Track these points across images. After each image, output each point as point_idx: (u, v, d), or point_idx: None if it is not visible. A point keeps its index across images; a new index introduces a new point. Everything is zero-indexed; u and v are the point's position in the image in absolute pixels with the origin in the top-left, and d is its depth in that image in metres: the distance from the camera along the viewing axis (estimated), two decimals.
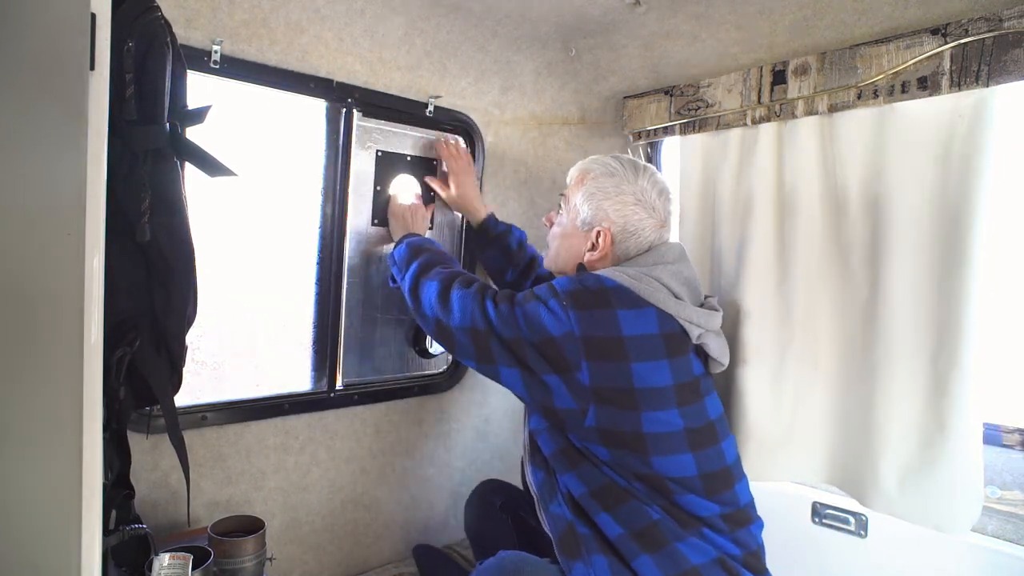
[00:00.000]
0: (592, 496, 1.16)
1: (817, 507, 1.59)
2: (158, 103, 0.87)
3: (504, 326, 1.17)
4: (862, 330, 1.33)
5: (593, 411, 1.12)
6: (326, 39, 1.42)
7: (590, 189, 1.29)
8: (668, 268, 1.21)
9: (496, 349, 1.18)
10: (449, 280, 1.28)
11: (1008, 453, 1.40)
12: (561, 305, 1.13)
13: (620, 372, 1.11)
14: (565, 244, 1.34)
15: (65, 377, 0.61)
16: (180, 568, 0.99)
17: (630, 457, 1.14)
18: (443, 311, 1.24)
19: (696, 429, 1.16)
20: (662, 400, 1.13)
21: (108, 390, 0.82)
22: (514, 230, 1.71)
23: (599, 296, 1.14)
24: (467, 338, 1.21)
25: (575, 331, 1.11)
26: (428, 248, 1.42)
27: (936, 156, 1.20)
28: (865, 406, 1.32)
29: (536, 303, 1.17)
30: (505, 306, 1.19)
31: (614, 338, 1.11)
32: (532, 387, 1.18)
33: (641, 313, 1.13)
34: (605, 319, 1.12)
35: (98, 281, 0.63)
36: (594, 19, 1.50)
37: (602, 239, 1.28)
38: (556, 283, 1.19)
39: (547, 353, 1.14)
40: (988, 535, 1.39)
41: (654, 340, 1.13)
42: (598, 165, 1.31)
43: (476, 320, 1.20)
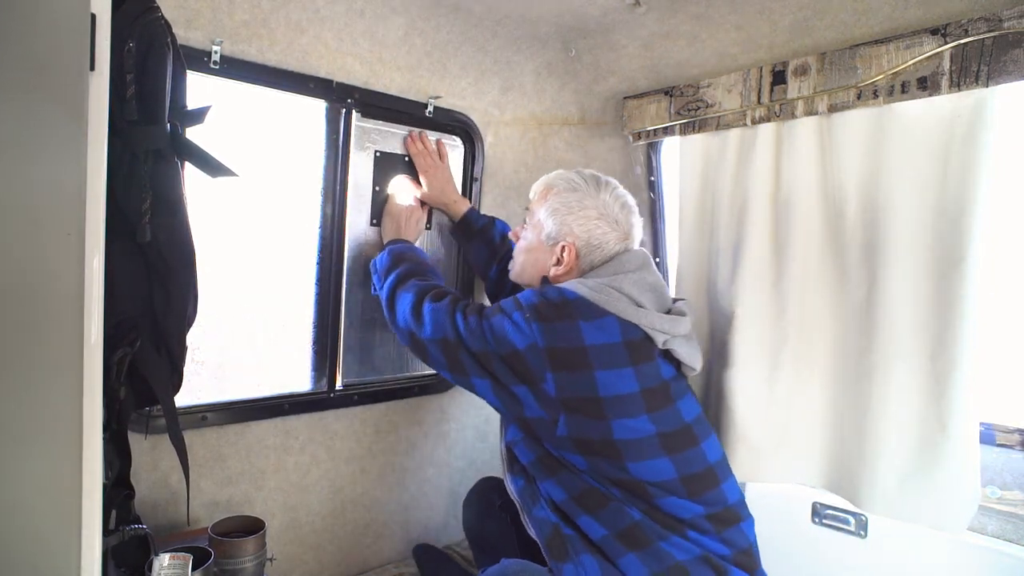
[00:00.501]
0: (573, 501, 1.19)
1: (817, 507, 1.59)
2: (158, 103, 0.87)
3: (472, 338, 1.21)
4: (859, 331, 1.32)
5: (564, 420, 1.15)
6: (326, 39, 1.42)
7: (554, 204, 1.32)
8: (629, 277, 1.23)
9: (466, 360, 1.22)
10: (423, 293, 1.31)
11: (1008, 453, 1.40)
12: (524, 318, 1.17)
13: (584, 381, 1.14)
14: (531, 258, 1.37)
15: (65, 377, 0.61)
16: (180, 568, 0.99)
17: (605, 464, 1.16)
18: (415, 323, 1.28)
19: (670, 433, 1.17)
20: (630, 407, 1.15)
21: (108, 390, 0.82)
22: (497, 223, 1.71)
23: (561, 308, 1.16)
24: (438, 350, 1.25)
25: (539, 343, 1.14)
26: (409, 258, 1.44)
27: (935, 156, 1.20)
28: (861, 407, 1.32)
29: (501, 316, 1.20)
30: (474, 319, 1.22)
31: (576, 348, 1.14)
32: (503, 397, 1.21)
33: (602, 323, 1.15)
34: (567, 330, 1.15)
35: (98, 281, 0.63)
36: (594, 19, 1.50)
37: (567, 253, 1.30)
38: (520, 296, 1.22)
39: (513, 365, 1.17)
40: (988, 535, 1.39)
41: (616, 348, 1.15)
42: (561, 180, 1.34)
43: (446, 332, 1.23)
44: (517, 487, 1.30)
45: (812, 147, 1.36)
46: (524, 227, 1.41)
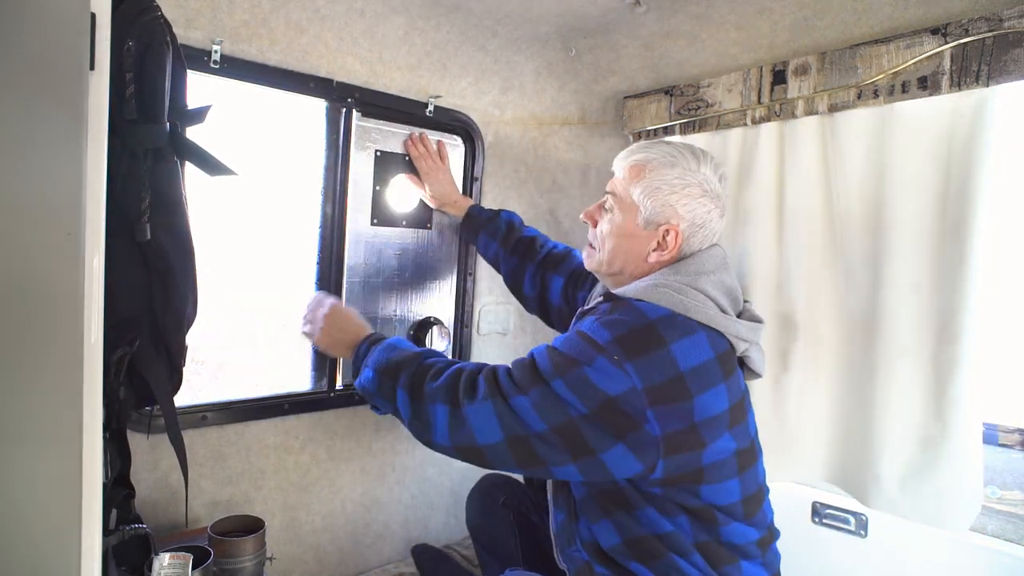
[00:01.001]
0: (625, 545, 1.10)
1: (817, 507, 1.59)
2: (158, 102, 0.86)
3: (548, 414, 1.01)
4: (862, 330, 1.33)
5: (662, 465, 1.02)
6: (326, 39, 1.42)
7: (653, 183, 1.15)
8: (710, 279, 1.11)
9: (541, 449, 1.03)
10: (451, 395, 1.09)
11: (1008, 453, 1.40)
12: (612, 361, 1.00)
13: (684, 412, 1.01)
14: (624, 245, 1.19)
15: (65, 377, 0.61)
16: (180, 568, 0.99)
17: (681, 492, 1.06)
18: (462, 434, 1.07)
19: (743, 450, 1.09)
20: (719, 427, 1.05)
21: (108, 390, 0.82)
22: (502, 213, 1.66)
23: (649, 335, 1.02)
24: (504, 450, 1.05)
25: (637, 385, 0.99)
26: (397, 359, 1.17)
27: (936, 156, 1.20)
28: (866, 405, 1.32)
29: (577, 368, 1.02)
30: (538, 391, 1.03)
31: (673, 378, 1.00)
32: (590, 473, 1.05)
33: (694, 341, 1.04)
34: (662, 361, 1.01)
35: (98, 281, 0.63)
36: (594, 19, 1.50)
37: (671, 237, 1.15)
38: (591, 332, 1.05)
39: (607, 418, 1.00)
40: (988, 535, 1.39)
41: (710, 365, 1.04)
42: (656, 154, 1.17)
43: (509, 427, 1.04)
44: (557, 521, 1.21)
45: (812, 147, 1.36)
46: (602, 209, 1.24)
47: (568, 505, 1.19)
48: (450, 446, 1.10)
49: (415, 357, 1.17)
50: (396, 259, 1.74)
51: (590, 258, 1.27)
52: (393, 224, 1.71)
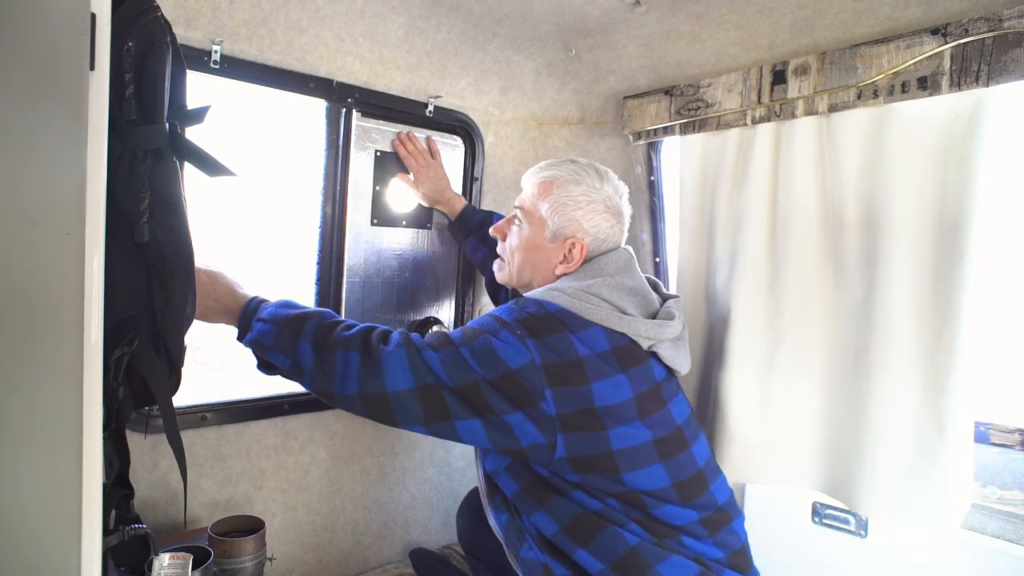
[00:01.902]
0: (565, 532, 1.13)
1: (817, 507, 1.59)
2: (158, 103, 0.86)
3: (454, 372, 1.07)
4: (856, 331, 1.32)
5: (562, 440, 1.08)
6: (326, 39, 1.42)
7: (559, 199, 1.24)
8: (607, 281, 1.17)
9: (451, 402, 1.07)
10: (364, 341, 1.10)
11: (1008, 453, 1.40)
12: (515, 335, 1.08)
13: (582, 395, 1.07)
14: (532, 257, 1.28)
15: (65, 377, 0.60)
16: (180, 568, 0.99)
17: (602, 479, 1.11)
18: (372, 379, 1.07)
19: (664, 438, 1.13)
20: (625, 415, 1.10)
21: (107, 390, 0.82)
22: (494, 217, 1.69)
23: (551, 322, 1.10)
24: (411, 399, 1.07)
25: (536, 359, 1.06)
26: (298, 312, 1.15)
27: (935, 156, 1.20)
28: (858, 408, 1.32)
29: (484, 337, 1.09)
30: (448, 350, 1.09)
31: (572, 361, 1.08)
32: (493, 434, 1.09)
33: (589, 333, 1.11)
34: (561, 343, 1.08)
35: (98, 281, 0.63)
36: (594, 19, 1.50)
37: (576, 251, 1.23)
38: (500, 314, 1.14)
39: (506, 389, 1.06)
40: (988, 535, 1.39)
41: (606, 357, 1.10)
42: (562, 172, 1.26)
43: (420, 376, 1.07)
44: (500, 523, 1.23)
45: (812, 147, 1.36)
46: (512, 223, 1.32)
47: (505, 504, 1.23)
48: (357, 394, 1.08)
49: (316, 312, 1.16)
50: (396, 259, 1.74)
51: (501, 271, 1.35)
52: (393, 224, 1.71)
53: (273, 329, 1.13)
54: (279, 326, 1.12)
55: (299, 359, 1.11)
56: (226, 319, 1.20)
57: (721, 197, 1.53)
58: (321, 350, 1.10)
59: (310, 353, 1.10)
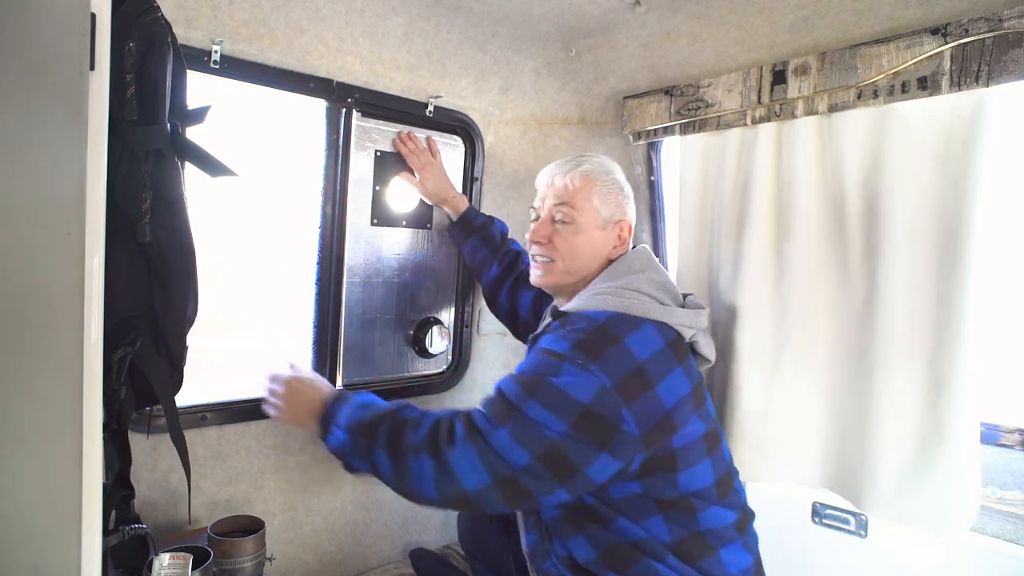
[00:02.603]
0: (601, 560, 1.12)
1: (817, 507, 1.59)
2: (158, 103, 0.86)
3: (529, 442, 1.03)
4: (859, 330, 1.32)
5: (639, 459, 1.07)
6: (326, 39, 1.42)
7: (605, 188, 1.29)
8: (640, 277, 1.20)
9: (529, 483, 1.04)
10: (432, 443, 1.09)
11: (1008, 453, 1.40)
12: (577, 365, 1.05)
13: (654, 403, 1.06)
14: (587, 250, 1.27)
15: (65, 377, 0.61)
16: (180, 568, 0.99)
17: (660, 481, 1.10)
18: (447, 482, 1.06)
19: (709, 432, 1.15)
20: (687, 409, 1.10)
21: (108, 390, 0.82)
22: (496, 221, 1.71)
23: (604, 335, 1.08)
24: (490, 492, 1.05)
25: (606, 383, 1.03)
26: (371, 417, 1.15)
27: (935, 156, 1.20)
28: (862, 407, 1.32)
29: (546, 382, 1.05)
30: (515, 419, 1.04)
31: (635, 371, 1.06)
32: (575, 491, 1.07)
33: (643, 333, 1.10)
34: (620, 356, 1.06)
35: (98, 281, 0.63)
36: (594, 19, 1.50)
37: (626, 232, 1.30)
38: (551, 346, 1.11)
39: (586, 429, 1.02)
40: (988, 535, 1.39)
41: (663, 353, 1.11)
42: (593, 165, 1.31)
43: (494, 469, 1.04)
44: (529, 541, 1.25)
45: (812, 147, 1.36)
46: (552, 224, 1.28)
47: (539, 527, 1.22)
48: (436, 497, 1.09)
49: (389, 413, 1.16)
50: (396, 259, 1.74)
51: (548, 274, 1.30)
52: (393, 224, 1.71)
53: (349, 438, 1.15)
54: (354, 434, 1.14)
55: (377, 465, 1.13)
56: (310, 422, 1.22)
57: (722, 197, 1.53)
58: (395, 456, 1.10)
59: (386, 459, 1.11)
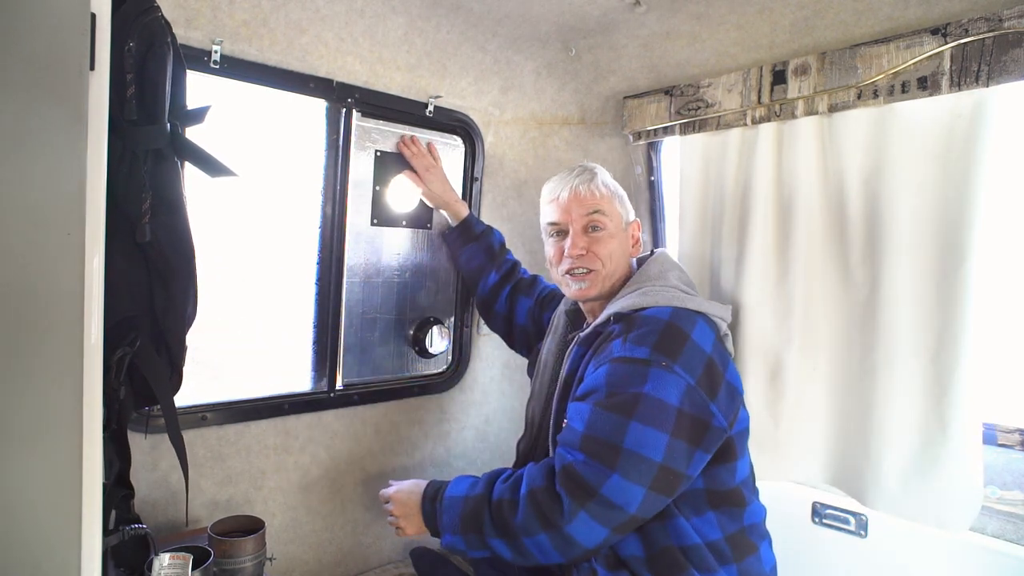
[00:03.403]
0: (647, 561, 1.13)
1: (817, 507, 1.59)
2: (158, 103, 0.86)
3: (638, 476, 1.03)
4: (861, 330, 1.33)
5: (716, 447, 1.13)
6: (326, 39, 1.42)
7: (618, 192, 1.36)
8: (671, 275, 1.26)
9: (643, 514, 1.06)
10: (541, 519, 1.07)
11: (1008, 453, 1.39)
12: (662, 367, 1.06)
13: (729, 389, 1.13)
14: (620, 249, 1.32)
15: (65, 377, 0.61)
16: (180, 568, 0.99)
17: (722, 471, 1.14)
18: (570, 548, 1.07)
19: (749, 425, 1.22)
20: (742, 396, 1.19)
21: (108, 390, 0.82)
22: (495, 231, 1.73)
23: (674, 333, 1.12)
24: (612, 537, 1.07)
25: (690, 381, 1.07)
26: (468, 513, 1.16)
27: (936, 156, 1.20)
28: (865, 405, 1.32)
29: (640, 400, 1.04)
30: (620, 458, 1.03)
31: (707, 363, 1.11)
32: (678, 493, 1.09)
33: (700, 327, 1.15)
34: (693, 351, 1.10)
35: (98, 281, 0.63)
36: (594, 19, 1.50)
37: (638, 231, 1.37)
38: (627, 352, 1.10)
39: (683, 432, 1.04)
40: (988, 535, 1.39)
41: (719, 344, 1.17)
42: (601, 172, 1.36)
43: (611, 522, 1.04)
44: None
45: (812, 147, 1.36)
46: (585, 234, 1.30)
47: None
48: (565, 561, 1.11)
49: (481, 502, 1.16)
50: (396, 259, 1.74)
51: (593, 284, 1.29)
52: (393, 224, 1.71)
53: (462, 539, 1.16)
54: (462, 534, 1.16)
55: (497, 553, 1.14)
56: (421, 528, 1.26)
57: (723, 197, 1.53)
58: (510, 542, 1.11)
59: (503, 547, 1.12)
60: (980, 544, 1.37)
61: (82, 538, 0.61)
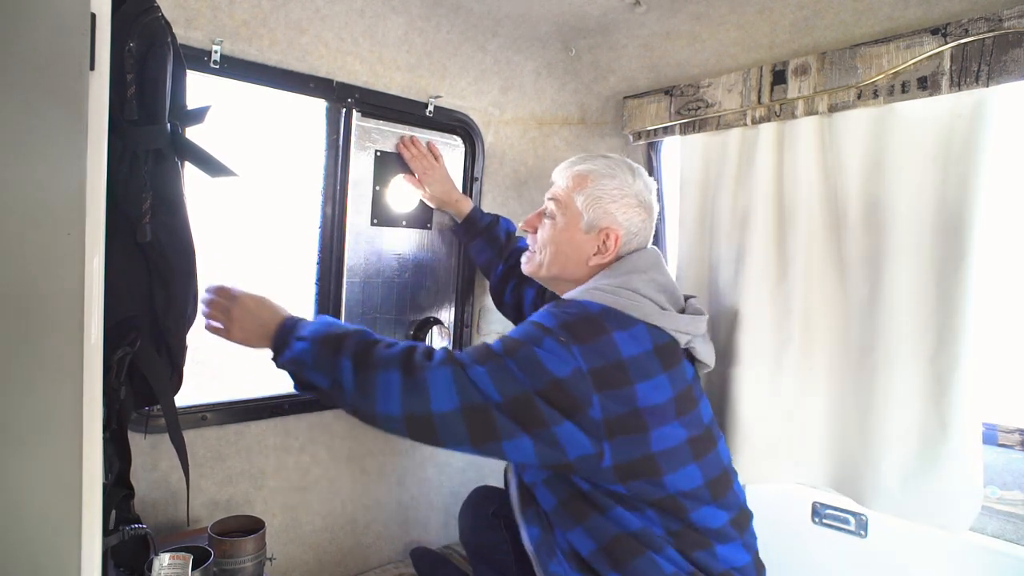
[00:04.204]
0: (602, 553, 1.12)
1: (817, 507, 1.59)
2: (159, 103, 0.87)
3: (502, 385, 1.04)
4: (861, 330, 1.32)
5: (608, 449, 1.07)
6: (326, 39, 1.42)
7: (595, 192, 1.26)
8: (642, 277, 1.19)
9: (499, 420, 1.03)
10: (407, 360, 1.06)
11: (1008, 453, 1.39)
12: (559, 341, 1.06)
13: (626, 397, 1.07)
14: (565, 249, 1.28)
15: (65, 377, 0.61)
16: (180, 568, 0.99)
17: (645, 485, 1.11)
18: (415, 399, 1.03)
19: (697, 437, 1.14)
20: (664, 415, 1.10)
21: (108, 390, 0.82)
22: (501, 220, 1.71)
23: (593, 324, 1.09)
24: (457, 420, 1.03)
25: (582, 366, 1.05)
26: (337, 331, 1.12)
27: (936, 156, 1.20)
28: (864, 406, 1.32)
29: (528, 348, 1.07)
30: (493, 363, 1.06)
31: (616, 363, 1.07)
32: (543, 449, 1.06)
33: (632, 333, 1.11)
34: (605, 346, 1.08)
35: (98, 281, 0.63)
36: (594, 19, 1.50)
37: (611, 242, 1.25)
38: (540, 320, 1.12)
39: (555, 398, 1.04)
40: (988, 535, 1.39)
41: (649, 357, 1.10)
42: (596, 166, 1.28)
43: (466, 395, 1.03)
44: (532, 536, 1.23)
45: (812, 147, 1.36)
46: (542, 216, 1.32)
47: (540, 518, 1.22)
48: (399, 415, 1.04)
49: (359, 330, 1.14)
50: (396, 259, 1.74)
51: (528, 262, 1.35)
52: (393, 224, 1.71)
53: (312, 347, 1.09)
54: (318, 344, 1.09)
55: (339, 378, 1.07)
56: (265, 338, 1.16)
57: (723, 197, 1.53)
58: (362, 368, 1.06)
59: (351, 371, 1.06)
60: (980, 544, 1.37)
61: (82, 538, 0.61)
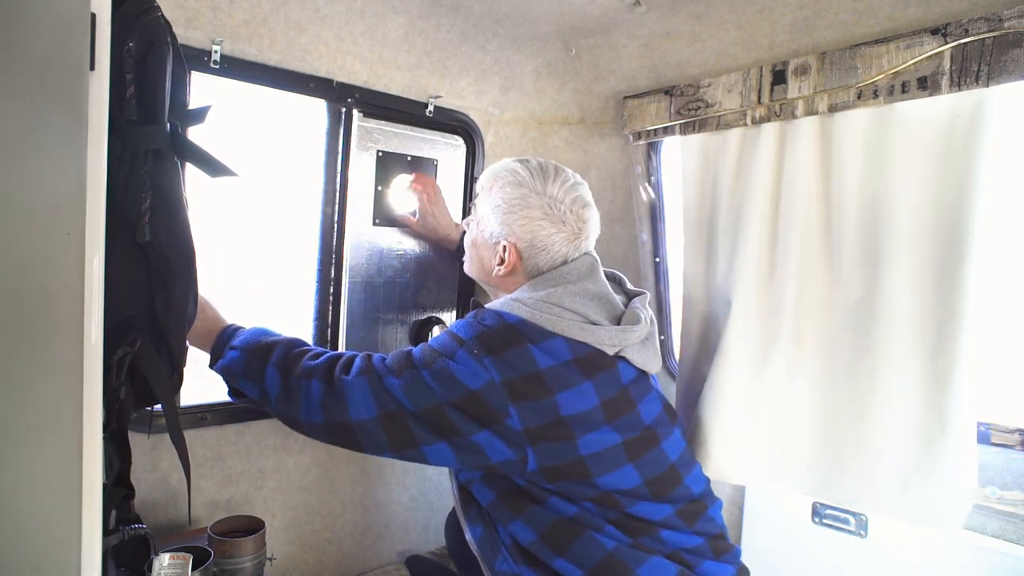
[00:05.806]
0: (542, 540, 1.13)
1: (817, 507, 1.59)
2: (158, 103, 0.86)
3: (416, 396, 1.06)
4: (857, 330, 1.32)
5: (532, 453, 1.07)
6: (326, 39, 1.42)
7: (496, 200, 1.23)
8: (569, 289, 1.15)
9: (415, 427, 1.07)
10: (327, 371, 1.11)
11: (1008, 453, 1.39)
12: (471, 355, 1.06)
13: (547, 407, 1.07)
14: (476, 255, 1.31)
15: (65, 377, 0.60)
16: (180, 568, 0.99)
17: (575, 484, 1.11)
18: (335, 408, 1.08)
19: (633, 439, 1.13)
20: (592, 421, 1.09)
21: (109, 390, 0.82)
22: None
23: (506, 335, 1.09)
24: (376, 427, 1.07)
25: (495, 378, 1.05)
26: (268, 341, 1.17)
27: (935, 156, 1.20)
28: (860, 406, 1.31)
29: (442, 359, 1.08)
30: (409, 374, 1.08)
31: (532, 375, 1.06)
32: (463, 455, 1.09)
33: (549, 345, 1.09)
34: (520, 358, 1.07)
35: (98, 281, 0.63)
36: (594, 19, 1.50)
37: (508, 254, 1.22)
38: (457, 331, 1.12)
39: (469, 409, 1.05)
40: (988, 535, 1.39)
41: (569, 366, 1.09)
42: (506, 172, 1.24)
43: (382, 403, 1.07)
44: (476, 535, 1.22)
45: (812, 147, 1.36)
46: (471, 218, 1.34)
47: (481, 516, 1.22)
48: (321, 422, 1.10)
49: (288, 341, 1.19)
50: (397, 259, 1.74)
51: (464, 262, 1.38)
52: (394, 224, 1.71)
53: (243, 357, 1.15)
54: (248, 354, 1.15)
55: (266, 386, 1.13)
56: (205, 344, 1.22)
57: (723, 197, 1.53)
58: (287, 378, 1.12)
59: (276, 379, 1.12)
60: (980, 544, 1.37)
61: (82, 538, 0.61)
